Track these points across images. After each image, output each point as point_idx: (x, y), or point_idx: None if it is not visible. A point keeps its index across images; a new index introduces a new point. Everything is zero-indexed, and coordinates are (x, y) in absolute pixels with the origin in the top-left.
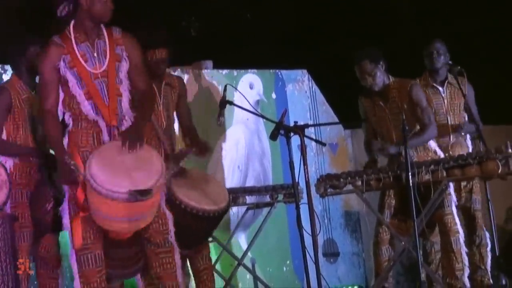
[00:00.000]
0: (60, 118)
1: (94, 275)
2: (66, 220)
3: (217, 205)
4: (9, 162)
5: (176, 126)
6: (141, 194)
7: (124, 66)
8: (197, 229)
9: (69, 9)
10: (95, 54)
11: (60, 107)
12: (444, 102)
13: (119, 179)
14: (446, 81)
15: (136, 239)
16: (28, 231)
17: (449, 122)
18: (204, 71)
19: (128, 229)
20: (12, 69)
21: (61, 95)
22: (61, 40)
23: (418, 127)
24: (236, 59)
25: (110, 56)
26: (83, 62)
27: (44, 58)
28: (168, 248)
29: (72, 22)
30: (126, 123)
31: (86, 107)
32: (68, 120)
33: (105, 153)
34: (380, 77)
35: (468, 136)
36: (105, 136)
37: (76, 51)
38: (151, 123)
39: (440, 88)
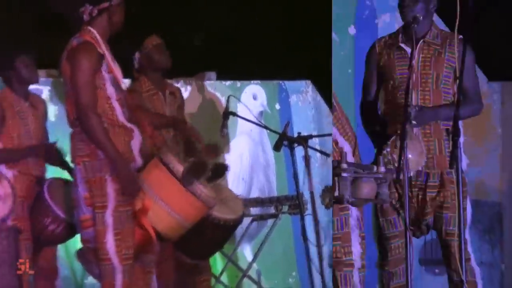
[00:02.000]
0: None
1: None
2: (110, 236)
3: (235, 213)
4: (9, 175)
5: None
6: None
7: None
8: (214, 238)
9: (94, 13)
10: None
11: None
12: None
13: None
14: None
15: None
16: (28, 244)
17: None
18: (207, 82)
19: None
20: (3, 82)
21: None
22: (94, 42)
23: None
24: (239, 70)
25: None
26: (115, 68)
27: (89, 56)
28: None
29: (92, 28)
30: None
31: (120, 114)
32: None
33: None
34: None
35: None
36: (136, 144)
37: (109, 57)
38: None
39: None
